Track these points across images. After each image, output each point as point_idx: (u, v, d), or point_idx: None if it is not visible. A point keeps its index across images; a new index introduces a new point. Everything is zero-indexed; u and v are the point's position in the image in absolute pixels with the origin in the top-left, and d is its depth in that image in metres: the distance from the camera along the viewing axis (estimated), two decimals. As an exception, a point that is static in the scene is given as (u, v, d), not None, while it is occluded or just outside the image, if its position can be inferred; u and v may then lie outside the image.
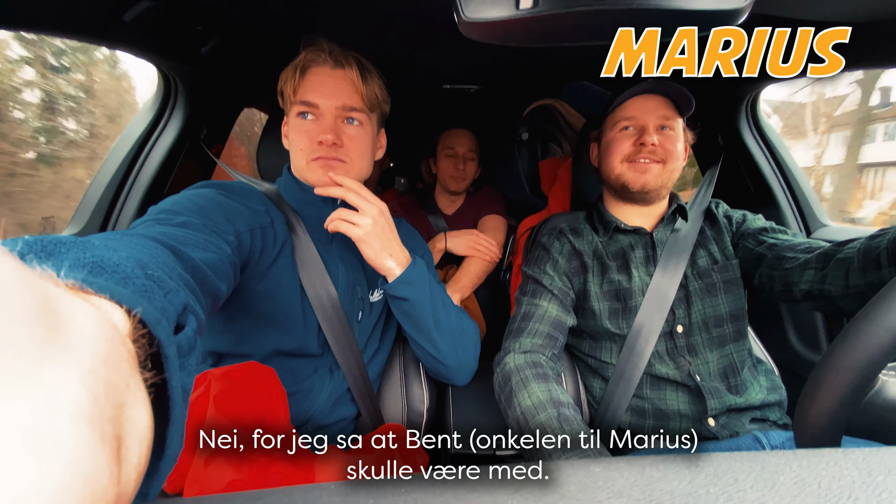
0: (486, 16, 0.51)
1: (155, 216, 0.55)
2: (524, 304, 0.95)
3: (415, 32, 0.99)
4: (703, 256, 0.95)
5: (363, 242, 0.77)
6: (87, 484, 0.14)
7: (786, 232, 0.93)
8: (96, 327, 0.17)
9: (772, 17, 0.74)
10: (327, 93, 0.77)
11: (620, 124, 0.95)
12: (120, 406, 0.17)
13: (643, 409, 0.89)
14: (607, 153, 0.97)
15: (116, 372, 0.17)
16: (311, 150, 0.78)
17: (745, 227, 0.97)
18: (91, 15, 0.76)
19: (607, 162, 0.97)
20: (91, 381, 0.15)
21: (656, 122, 0.93)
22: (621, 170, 0.95)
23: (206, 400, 0.57)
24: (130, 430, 0.18)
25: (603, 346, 0.94)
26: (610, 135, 0.97)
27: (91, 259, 0.26)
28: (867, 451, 0.23)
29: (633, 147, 0.93)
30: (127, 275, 0.27)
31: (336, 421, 0.84)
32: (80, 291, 0.21)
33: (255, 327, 0.74)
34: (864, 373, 0.43)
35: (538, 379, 0.81)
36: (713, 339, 0.90)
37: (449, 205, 1.73)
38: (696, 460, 0.23)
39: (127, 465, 0.17)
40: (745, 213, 1.00)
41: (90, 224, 1.08)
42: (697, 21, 0.50)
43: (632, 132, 0.94)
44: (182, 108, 1.15)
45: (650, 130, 0.92)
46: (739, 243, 0.95)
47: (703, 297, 0.92)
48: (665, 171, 0.93)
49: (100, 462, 0.15)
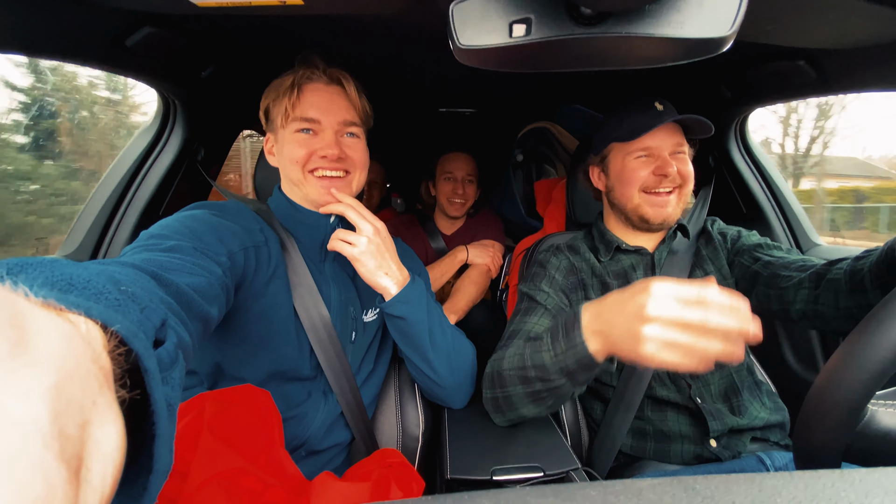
0: (480, 43, 0.52)
1: (144, 241, 0.55)
2: (515, 322, 0.93)
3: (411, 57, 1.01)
4: (700, 276, 0.94)
5: (358, 261, 0.77)
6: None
7: (780, 248, 0.93)
8: (64, 343, 0.17)
9: (756, 44, 0.76)
10: (326, 108, 0.79)
11: (635, 153, 0.93)
12: (83, 424, 0.17)
13: (644, 431, 0.88)
14: (622, 181, 0.95)
15: (82, 389, 0.17)
16: (310, 163, 0.79)
17: (740, 244, 0.96)
18: (94, 41, 0.78)
19: (623, 191, 0.95)
20: (53, 398, 0.15)
21: (671, 149, 0.91)
22: (640, 201, 0.93)
23: (199, 423, 0.56)
24: (94, 449, 0.17)
25: (603, 367, 0.92)
26: (623, 162, 0.94)
27: (60, 276, 0.25)
28: (864, 472, 0.23)
29: (654, 177, 0.91)
30: (98, 290, 0.26)
31: (330, 446, 0.82)
32: (52, 309, 0.21)
33: (250, 349, 0.73)
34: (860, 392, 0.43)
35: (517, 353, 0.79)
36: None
37: (448, 226, 1.74)
38: (693, 483, 0.23)
39: (86, 486, 0.16)
40: (739, 230, 1.00)
41: (84, 244, 1.07)
42: (684, 49, 0.51)
43: (647, 160, 0.92)
44: (181, 129, 1.16)
45: (668, 160, 0.90)
46: (735, 260, 0.95)
47: None
48: (682, 195, 0.93)
49: (53, 483, 0.14)
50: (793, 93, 1.02)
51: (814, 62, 0.90)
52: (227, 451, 0.57)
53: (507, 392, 0.78)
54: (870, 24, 0.70)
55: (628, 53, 0.55)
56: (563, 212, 1.44)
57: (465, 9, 0.52)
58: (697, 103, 1.28)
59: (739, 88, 1.11)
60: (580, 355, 0.65)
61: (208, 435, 0.55)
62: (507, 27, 0.51)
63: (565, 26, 0.50)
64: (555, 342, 0.70)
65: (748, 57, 0.98)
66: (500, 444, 0.80)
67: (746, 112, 1.23)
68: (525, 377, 0.74)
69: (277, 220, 0.82)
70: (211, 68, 0.99)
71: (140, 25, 0.79)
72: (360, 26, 0.84)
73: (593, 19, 0.49)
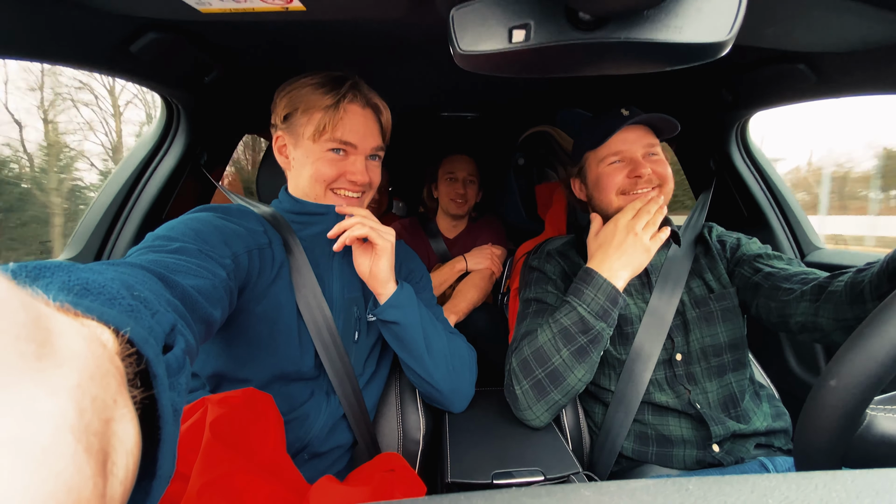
0: (480, 48, 0.53)
1: (150, 243, 0.55)
2: (525, 325, 0.93)
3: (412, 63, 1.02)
4: (699, 285, 0.94)
5: (386, 252, 0.78)
6: (71, 495, 0.14)
7: (781, 258, 0.92)
8: (85, 344, 0.18)
9: (755, 48, 0.77)
10: (362, 134, 0.80)
11: (608, 160, 0.93)
12: (107, 421, 0.17)
13: (646, 436, 0.88)
14: (598, 188, 0.96)
15: (104, 388, 0.18)
16: (336, 182, 0.81)
17: (740, 253, 0.95)
18: (99, 46, 0.79)
19: (601, 197, 0.96)
20: (79, 396, 0.16)
21: (643, 151, 0.92)
22: (620, 203, 0.93)
23: (202, 426, 0.57)
24: (117, 445, 0.18)
25: (602, 371, 0.92)
26: (598, 170, 0.96)
27: (77, 282, 0.26)
28: (857, 473, 0.23)
29: (628, 180, 0.91)
30: (113, 295, 0.27)
31: (332, 448, 0.82)
32: (68, 313, 0.22)
33: (253, 351, 0.74)
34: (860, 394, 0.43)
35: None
36: (712, 368, 0.89)
37: (450, 229, 1.75)
38: (687, 484, 0.23)
39: (113, 479, 0.17)
40: (739, 238, 1.00)
41: (87, 247, 1.08)
42: (683, 54, 0.52)
43: (621, 164, 0.93)
44: (184, 133, 1.17)
45: (641, 161, 0.91)
46: (735, 270, 0.94)
47: (700, 326, 0.91)
48: (661, 194, 0.92)
49: (84, 473, 0.15)
50: (793, 96, 1.02)
51: (814, 65, 0.90)
52: (230, 453, 0.57)
53: (550, 365, 0.82)
54: (869, 26, 0.71)
55: (627, 58, 0.55)
56: (564, 215, 1.44)
57: (465, 14, 0.52)
58: (698, 107, 1.28)
59: (740, 92, 1.12)
60: (607, 292, 0.83)
61: (211, 437, 0.56)
62: (506, 32, 0.52)
63: (565, 32, 0.51)
64: (581, 296, 0.83)
65: (748, 61, 0.98)
66: (500, 447, 0.80)
67: (747, 115, 1.23)
68: (567, 336, 0.81)
69: (283, 221, 0.82)
70: (214, 73, 1.00)
71: (144, 31, 0.80)
72: (362, 31, 0.85)
73: (592, 25, 0.50)
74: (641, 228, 0.85)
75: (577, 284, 0.85)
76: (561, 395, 0.82)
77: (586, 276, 0.85)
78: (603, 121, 0.94)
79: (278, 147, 0.85)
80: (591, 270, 0.85)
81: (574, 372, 0.81)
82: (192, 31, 0.86)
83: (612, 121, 0.92)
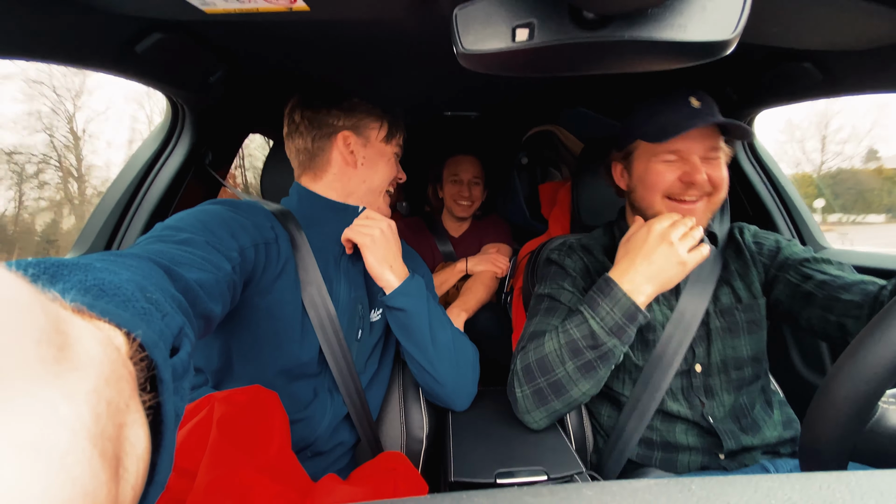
0: (483, 48, 0.53)
1: (159, 233, 0.56)
2: (534, 323, 0.87)
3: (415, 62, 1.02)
4: (726, 293, 0.88)
5: (367, 248, 0.81)
6: (87, 499, 0.14)
7: (831, 262, 0.83)
8: (101, 349, 0.18)
9: (761, 46, 0.76)
10: None
11: (663, 155, 0.82)
12: (120, 426, 0.17)
13: (651, 441, 0.86)
14: (645, 184, 0.85)
15: (118, 392, 0.18)
16: None
17: (782, 257, 0.87)
18: (105, 46, 0.80)
19: (644, 194, 0.85)
20: (95, 400, 0.16)
21: (703, 152, 0.80)
22: (661, 208, 0.83)
23: (208, 423, 0.57)
24: (129, 450, 0.18)
25: (617, 376, 0.88)
26: (648, 163, 0.84)
27: (93, 282, 0.26)
28: (860, 474, 0.23)
29: (680, 183, 0.80)
30: (127, 298, 0.27)
31: (335, 447, 0.83)
32: (84, 314, 0.22)
33: (257, 346, 0.74)
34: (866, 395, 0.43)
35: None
36: (731, 381, 0.85)
37: (455, 228, 1.75)
38: (689, 484, 0.23)
39: (125, 484, 0.17)
40: (777, 239, 0.91)
41: (94, 245, 1.09)
42: (687, 53, 0.51)
43: (675, 163, 0.81)
44: (189, 133, 1.18)
45: (698, 166, 0.79)
46: (779, 276, 0.86)
47: (723, 337, 0.86)
48: (711, 204, 0.82)
49: (99, 478, 0.15)
50: (799, 95, 1.02)
51: (820, 64, 0.89)
52: (235, 451, 0.57)
53: (553, 376, 0.78)
54: (876, 24, 0.70)
55: (631, 57, 0.55)
56: (567, 215, 1.44)
57: (468, 13, 0.52)
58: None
59: (745, 91, 1.11)
60: (626, 308, 0.75)
61: (217, 435, 0.56)
62: (510, 31, 0.52)
63: (568, 30, 0.51)
64: (596, 308, 0.77)
65: (753, 59, 0.97)
66: (503, 447, 0.80)
67: (752, 114, 1.23)
68: (574, 349, 0.76)
69: (292, 217, 0.83)
70: (219, 73, 1.00)
71: (149, 32, 0.81)
72: (366, 31, 0.85)
73: (596, 23, 0.49)
74: (678, 238, 0.75)
75: (594, 294, 0.78)
76: (562, 405, 0.79)
77: (605, 286, 0.78)
78: (668, 109, 0.81)
79: (350, 149, 0.90)
80: (610, 281, 0.77)
81: (578, 385, 0.77)
82: (197, 31, 0.86)
83: (678, 114, 0.79)
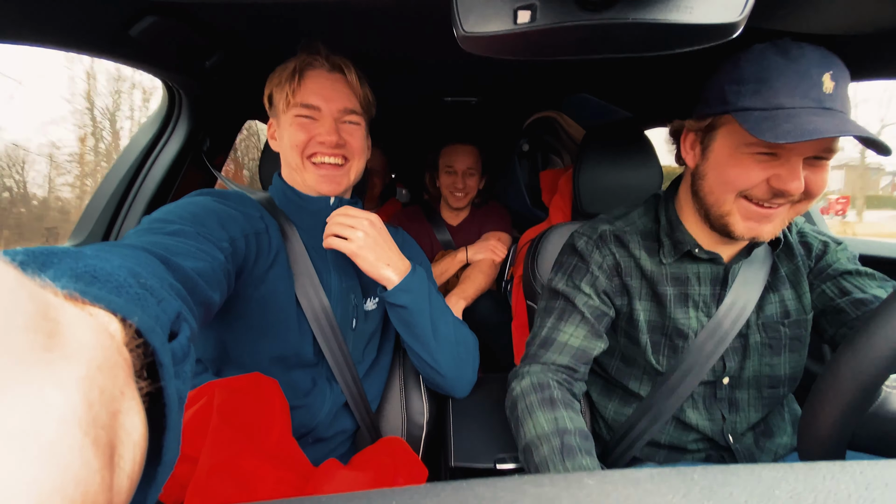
0: (484, 30, 0.51)
1: (148, 225, 0.55)
2: (547, 326, 0.80)
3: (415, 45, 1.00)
4: (772, 302, 0.78)
5: (357, 256, 0.77)
6: (79, 487, 0.14)
7: (874, 277, 0.74)
8: (93, 336, 0.18)
9: (766, 30, 0.75)
10: (327, 95, 0.79)
11: (756, 147, 0.64)
12: (114, 413, 0.17)
13: (659, 442, 0.82)
14: (720, 175, 0.68)
15: (112, 380, 0.18)
16: (308, 147, 0.80)
17: (824, 264, 0.77)
18: (98, 30, 0.78)
19: (715, 187, 0.69)
20: (87, 388, 0.16)
21: (813, 152, 0.63)
22: (732, 208, 0.68)
23: (209, 410, 0.57)
24: (124, 437, 0.18)
25: (634, 374, 0.82)
26: (732, 151, 0.66)
27: (84, 269, 0.26)
28: (865, 464, 0.23)
29: (766, 187, 0.64)
30: (120, 283, 0.27)
31: (335, 434, 0.83)
32: (76, 301, 0.22)
33: (252, 335, 0.75)
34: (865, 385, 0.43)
35: (543, 405, 0.71)
36: (762, 399, 0.78)
37: (454, 217, 1.75)
38: (692, 473, 0.23)
39: (120, 472, 0.17)
40: (826, 242, 0.79)
41: (92, 234, 1.08)
42: (693, 35, 0.50)
43: (769, 163, 0.64)
44: (186, 120, 1.16)
45: (797, 171, 0.62)
46: (816, 284, 0.77)
47: (762, 353, 0.77)
48: (793, 211, 0.68)
49: (92, 467, 0.15)
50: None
51: (829, 48, 0.87)
52: (237, 436, 0.58)
53: (514, 433, 0.74)
54: (885, 8, 0.68)
55: (636, 40, 0.53)
56: (568, 202, 1.43)
57: (468, -5, 0.51)
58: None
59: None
60: None
61: (218, 421, 0.57)
62: (511, 13, 0.50)
63: (571, 12, 0.49)
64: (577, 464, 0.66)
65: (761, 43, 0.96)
66: (503, 432, 0.80)
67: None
68: (531, 459, 0.68)
69: (279, 207, 0.82)
70: (215, 58, 0.98)
71: (144, 14, 0.79)
72: (364, 13, 0.83)
73: (600, 5, 0.48)
74: None
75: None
76: None
77: None
78: (786, 84, 0.61)
79: (270, 133, 0.87)
80: None
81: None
82: (192, 14, 0.84)
83: (804, 98, 0.60)
